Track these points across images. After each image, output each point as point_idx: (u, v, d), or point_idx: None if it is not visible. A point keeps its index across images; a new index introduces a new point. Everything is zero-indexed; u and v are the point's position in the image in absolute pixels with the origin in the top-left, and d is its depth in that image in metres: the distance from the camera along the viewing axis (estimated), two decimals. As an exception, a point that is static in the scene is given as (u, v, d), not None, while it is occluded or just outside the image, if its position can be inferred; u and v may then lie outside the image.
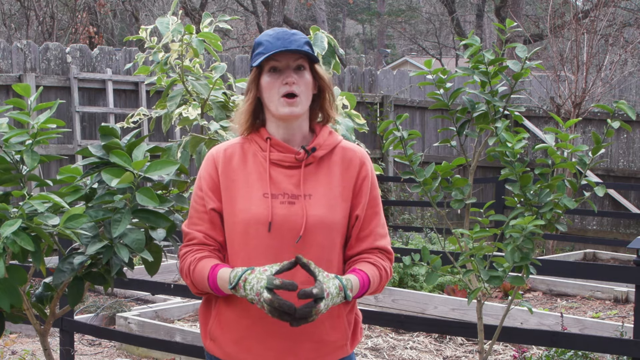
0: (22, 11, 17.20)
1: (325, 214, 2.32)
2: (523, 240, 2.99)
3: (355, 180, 2.39)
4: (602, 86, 10.81)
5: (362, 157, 2.43)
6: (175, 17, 3.78)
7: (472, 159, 3.42)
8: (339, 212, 2.35)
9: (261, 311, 2.25)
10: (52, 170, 8.81)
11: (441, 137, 11.92)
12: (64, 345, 5.05)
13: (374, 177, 2.45)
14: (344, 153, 2.41)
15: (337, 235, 2.35)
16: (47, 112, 2.61)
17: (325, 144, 2.39)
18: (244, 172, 2.37)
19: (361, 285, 2.30)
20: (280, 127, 2.38)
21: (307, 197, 2.33)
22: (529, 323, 6.21)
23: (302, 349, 2.34)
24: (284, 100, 2.31)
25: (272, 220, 2.29)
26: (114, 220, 2.39)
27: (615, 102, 3.17)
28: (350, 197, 2.38)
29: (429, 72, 3.34)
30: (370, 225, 2.40)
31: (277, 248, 2.29)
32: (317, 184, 2.36)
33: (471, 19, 26.59)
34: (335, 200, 2.35)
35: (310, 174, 2.37)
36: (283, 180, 2.34)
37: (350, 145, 2.46)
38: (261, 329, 2.32)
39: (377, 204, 2.43)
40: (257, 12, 21.35)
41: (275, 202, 2.31)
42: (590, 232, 11.96)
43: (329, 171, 2.38)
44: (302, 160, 2.35)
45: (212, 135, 3.70)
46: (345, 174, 2.39)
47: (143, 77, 9.46)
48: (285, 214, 2.30)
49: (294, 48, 2.29)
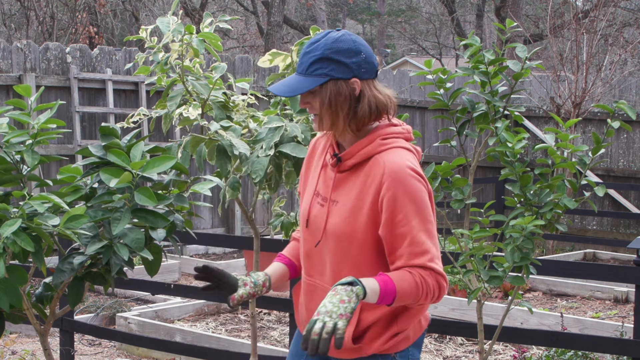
0: (22, 11, 17.20)
1: (338, 223, 2.34)
2: (523, 240, 2.99)
3: (376, 197, 2.30)
4: (602, 86, 10.81)
5: (387, 174, 2.28)
6: (175, 17, 3.78)
7: (472, 159, 3.42)
8: (353, 224, 2.32)
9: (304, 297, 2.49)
10: (52, 170, 8.81)
11: (441, 137, 11.92)
12: (64, 345, 5.05)
13: (405, 194, 2.27)
14: (373, 166, 2.32)
15: (352, 247, 2.32)
16: (48, 113, 2.61)
17: (358, 154, 2.35)
18: (316, 164, 2.51)
19: (382, 286, 2.21)
20: None
21: (334, 203, 2.39)
22: (529, 323, 6.21)
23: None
24: (312, 117, 2.40)
25: (308, 218, 2.44)
26: (114, 219, 2.39)
27: (615, 102, 3.17)
28: (372, 213, 2.30)
29: (429, 72, 3.34)
30: (401, 246, 2.28)
31: (311, 243, 2.43)
32: (344, 193, 2.37)
33: (471, 19, 26.59)
34: (352, 211, 2.33)
35: (343, 181, 2.39)
36: (325, 182, 2.45)
37: (387, 158, 2.31)
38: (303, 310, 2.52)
39: (406, 223, 2.27)
40: (257, 12, 21.35)
41: (315, 201, 2.45)
42: (590, 232, 11.96)
43: (356, 182, 2.36)
44: (334, 166, 2.40)
45: (212, 136, 3.70)
46: (368, 189, 2.32)
47: (143, 77, 9.46)
48: (316, 214, 2.42)
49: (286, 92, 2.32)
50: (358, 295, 2.16)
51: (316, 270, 2.42)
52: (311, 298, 2.45)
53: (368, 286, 2.18)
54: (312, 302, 2.44)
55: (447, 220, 3.37)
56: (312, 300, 2.45)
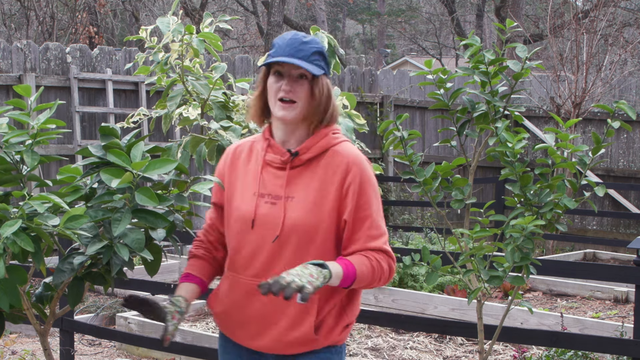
0: (22, 11, 17.20)
1: (301, 217, 2.42)
2: (523, 240, 2.99)
3: (341, 185, 2.43)
4: (602, 86, 10.81)
5: (351, 162, 2.45)
6: (175, 17, 3.78)
7: (472, 159, 3.42)
8: (319, 215, 2.42)
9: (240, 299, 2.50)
10: (52, 170, 8.81)
11: (441, 137, 11.92)
12: (64, 345, 5.05)
13: (367, 181, 2.45)
14: (333, 157, 2.47)
15: (317, 237, 2.42)
16: (47, 112, 2.61)
17: (314, 147, 2.47)
18: (245, 169, 2.55)
19: (344, 269, 2.34)
20: (279, 128, 2.52)
21: (289, 199, 2.45)
22: (529, 323, 6.21)
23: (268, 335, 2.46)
24: (280, 104, 2.44)
25: (254, 219, 2.46)
26: (114, 220, 2.39)
27: (615, 102, 3.17)
28: (336, 201, 2.43)
29: (429, 72, 3.34)
30: (361, 228, 2.43)
31: (259, 244, 2.46)
32: (300, 187, 2.46)
33: (471, 19, 26.59)
34: (316, 204, 2.43)
35: (297, 176, 2.47)
36: (271, 181, 2.49)
37: (345, 149, 2.48)
38: (239, 312, 2.52)
39: (368, 207, 2.44)
40: (257, 12, 21.35)
41: (261, 202, 2.48)
42: (590, 232, 11.96)
43: (314, 174, 2.46)
44: (287, 163, 2.47)
45: (212, 135, 3.70)
46: (332, 178, 2.44)
47: (143, 77, 9.45)
48: (266, 213, 2.46)
49: (294, 61, 2.41)
50: (325, 277, 2.28)
51: (264, 269, 2.46)
52: (254, 299, 2.48)
53: (333, 270, 2.31)
54: (258, 302, 2.48)
55: (447, 220, 3.37)
56: (256, 300, 2.48)
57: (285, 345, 2.46)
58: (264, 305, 2.45)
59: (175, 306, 2.47)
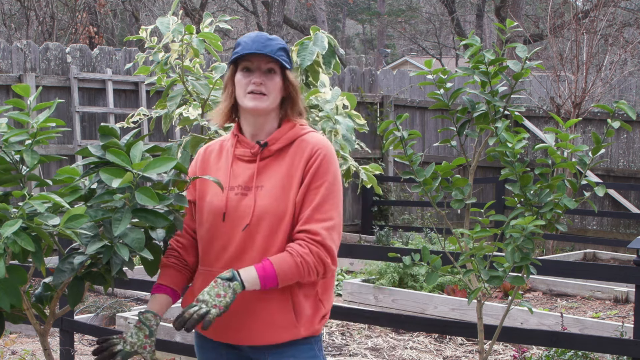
0: (22, 11, 17.20)
1: (270, 204, 2.50)
2: (523, 240, 2.99)
3: (304, 169, 2.51)
4: (602, 86, 10.81)
5: (315, 147, 2.53)
6: (175, 17, 3.78)
7: (472, 159, 3.42)
8: (285, 201, 2.50)
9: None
10: (52, 170, 8.81)
11: (441, 137, 11.92)
12: (64, 345, 5.05)
13: (326, 166, 2.51)
14: (300, 145, 2.55)
15: (284, 223, 2.49)
16: (47, 112, 2.61)
17: (282, 138, 2.56)
18: (216, 167, 2.64)
19: (260, 272, 2.41)
20: (249, 122, 2.59)
21: (259, 188, 2.52)
22: (529, 323, 6.21)
23: (246, 327, 2.51)
24: (250, 96, 2.52)
25: (225, 211, 2.55)
26: (115, 220, 2.39)
27: (616, 102, 3.17)
28: (299, 185, 2.50)
29: (429, 72, 3.34)
30: (305, 209, 2.49)
31: (229, 234, 2.54)
32: (270, 176, 2.54)
33: (471, 19, 26.59)
34: (283, 190, 2.50)
35: (266, 166, 2.55)
36: (242, 174, 2.57)
37: (312, 138, 2.57)
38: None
39: (319, 190, 2.48)
40: (257, 12, 21.35)
41: (231, 194, 2.56)
42: (590, 232, 11.96)
43: (282, 163, 2.54)
44: (257, 154, 2.55)
45: (212, 135, 3.70)
46: (298, 165, 2.52)
47: (143, 77, 9.45)
48: (236, 205, 2.54)
49: (265, 52, 2.50)
50: (235, 290, 2.37)
51: (235, 259, 2.52)
52: None
53: (246, 279, 2.40)
54: None
55: (447, 220, 3.37)
56: None
57: (268, 334, 2.50)
58: (241, 296, 2.47)
59: (144, 329, 2.51)
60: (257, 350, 2.55)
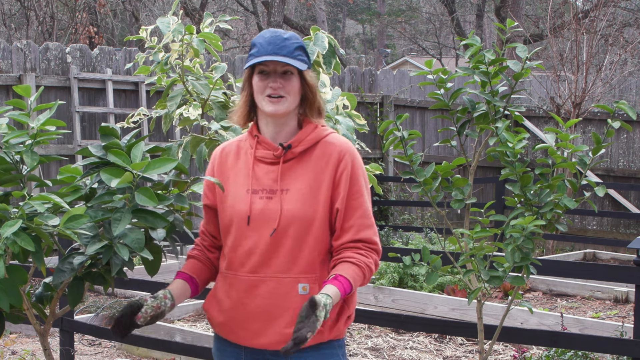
0: (22, 11, 17.20)
1: (298, 208, 2.46)
2: (523, 240, 2.99)
3: (334, 173, 2.48)
4: (602, 86, 10.81)
5: (343, 151, 2.50)
6: (175, 17, 3.78)
7: (473, 159, 3.42)
8: (314, 205, 2.46)
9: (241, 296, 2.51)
10: (52, 170, 8.81)
11: (441, 137, 11.92)
12: (64, 345, 5.05)
13: (358, 170, 2.51)
14: (325, 148, 2.52)
15: (313, 228, 2.46)
16: (47, 113, 2.61)
17: (306, 140, 2.52)
18: (235, 169, 2.58)
19: (342, 292, 2.38)
20: (268, 123, 2.54)
21: (284, 191, 2.48)
22: (529, 323, 6.21)
23: (269, 331, 2.47)
24: (269, 100, 2.48)
25: (250, 215, 2.49)
26: (114, 220, 2.39)
27: (616, 102, 3.17)
28: (329, 190, 2.48)
29: (429, 72, 3.34)
30: (352, 217, 2.48)
31: (255, 239, 2.49)
32: (295, 179, 2.49)
33: (471, 19, 26.58)
34: (311, 194, 2.47)
35: (290, 169, 2.51)
36: (264, 176, 2.52)
37: (336, 139, 2.54)
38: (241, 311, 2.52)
39: (359, 196, 2.49)
40: (257, 12, 21.35)
41: (255, 198, 2.50)
42: (590, 232, 11.96)
43: (307, 166, 2.50)
44: (280, 157, 2.51)
45: (212, 136, 3.70)
46: (325, 168, 2.49)
47: (143, 77, 9.45)
48: (262, 208, 2.49)
49: (280, 58, 2.45)
50: (328, 311, 2.30)
51: (262, 264, 2.48)
52: (255, 294, 2.50)
53: (334, 297, 2.35)
54: (259, 297, 2.49)
55: (447, 220, 3.37)
56: (257, 296, 2.49)
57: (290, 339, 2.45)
58: (265, 300, 2.46)
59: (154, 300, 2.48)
60: (279, 356, 2.49)
